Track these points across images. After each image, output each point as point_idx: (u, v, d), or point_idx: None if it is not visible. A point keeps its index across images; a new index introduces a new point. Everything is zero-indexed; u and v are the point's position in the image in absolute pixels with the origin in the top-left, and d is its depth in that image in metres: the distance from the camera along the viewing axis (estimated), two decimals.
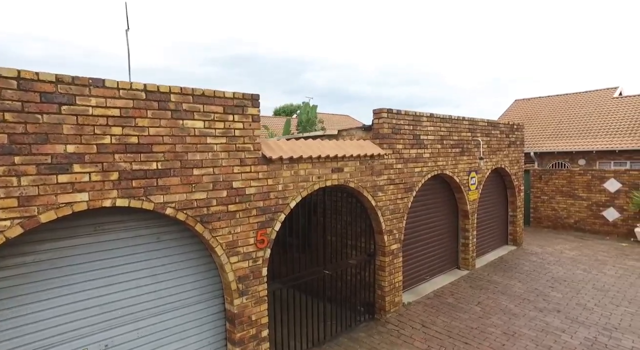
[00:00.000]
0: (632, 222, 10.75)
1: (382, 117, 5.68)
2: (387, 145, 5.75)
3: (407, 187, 6.13)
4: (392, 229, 5.89)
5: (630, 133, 14.20)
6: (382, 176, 5.67)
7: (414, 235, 6.81)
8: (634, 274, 7.66)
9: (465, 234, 7.83)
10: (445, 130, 6.93)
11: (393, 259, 5.93)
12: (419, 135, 6.31)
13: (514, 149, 9.36)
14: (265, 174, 4.25)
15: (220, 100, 3.86)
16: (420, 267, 7.01)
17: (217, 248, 3.87)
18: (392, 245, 5.91)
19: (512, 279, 7.39)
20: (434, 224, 7.31)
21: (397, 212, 5.95)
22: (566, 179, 12.13)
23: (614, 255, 9.13)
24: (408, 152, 6.11)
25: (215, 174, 3.84)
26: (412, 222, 6.70)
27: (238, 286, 4.06)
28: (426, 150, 6.47)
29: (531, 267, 8.13)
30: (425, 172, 6.48)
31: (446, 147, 6.96)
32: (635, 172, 10.69)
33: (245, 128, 4.07)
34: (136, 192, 3.30)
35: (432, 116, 6.58)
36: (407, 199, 6.14)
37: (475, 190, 7.84)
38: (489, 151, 8.31)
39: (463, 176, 7.48)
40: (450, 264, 7.81)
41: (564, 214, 12.15)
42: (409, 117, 6.10)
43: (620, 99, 17.00)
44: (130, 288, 3.57)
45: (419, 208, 6.85)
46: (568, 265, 8.23)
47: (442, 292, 6.71)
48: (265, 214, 4.27)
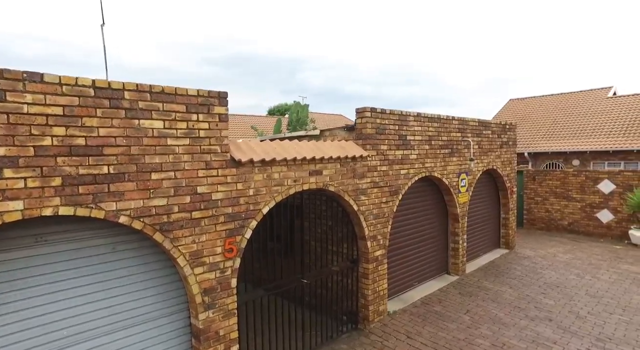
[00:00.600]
0: (626, 224, 10.55)
1: (365, 116, 5.39)
2: (371, 146, 5.46)
3: (393, 190, 5.84)
4: (376, 235, 5.61)
5: (624, 133, 14.02)
6: (365, 179, 5.38)
7: (401, 241, 6.53)
8: (627, 279, 7.43)
9: (455, 238, 7.56)
10: (434, 130, 6.65)
11: (377, 266, 5.64)
12: (405, 136, 6.03)
13: (507, 149, 9.11)
14: (234, 178, 3.95)
15: (182, 98, 3.55)
16: (408, 273, 6.73)
17: (179, 259, 3.56)
18: (376, 251, 5.62)
19: (503, 284, 7.13)
20: (423, 228, 7.03)
21: (381, 216, 5.66)
22: (560, 180, 11.91)
23: (608, 258, 8.91)
24: (393, 154, 5.82)
25: (177, 179, 3.53)
26: (399, 227, 6.42)
27: (204, 299, 3.75)
28: (413, 152, 6.19)
29: (523, 271, 7.88)
30: (412, 174, 6.20)
31: (435, 148, 6.68)
32: (629, 173, 10.48)
33: (211, 128, 3.77)
34: (83, 199, 2.98)
35: (420, 116, 6.30)
36: (393, 202, 5.85)
37: (465, 192, 7.58)
38: (480, 152, 8.05)
39: (453, 178, 7.21)
40: (439, 269, 7.54)
41: (558, 215, 11.94)
42: (394, 117, 5.81)
43: (615, 99, 16.84)
44: (79, 304, 3.26)
45: (406, 212, 6.57)
46: (561, 270, 7.99)
47: (429, 300, 6.43)
48: (235, 221, 3.97)
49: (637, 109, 15.12)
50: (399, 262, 6.52)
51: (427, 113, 6.48)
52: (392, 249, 6.33)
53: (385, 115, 5.66)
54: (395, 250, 6.42)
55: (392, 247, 6.32)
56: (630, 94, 16.56)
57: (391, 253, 6.30)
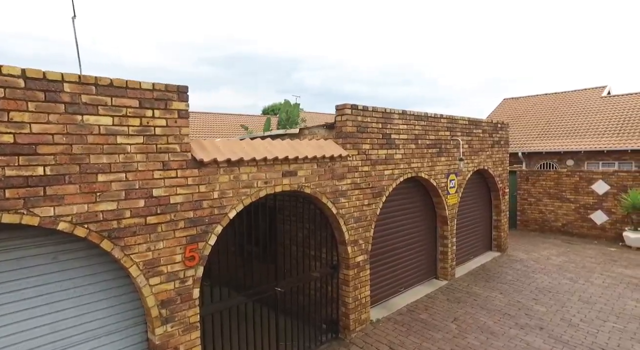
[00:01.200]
0: (621, 225, 10.31)
1: (345, 113, 5.09)
2: (352, 145, 5.15)
3: (376, 191, 5.54)
4: (358, 239, 5.30)
5: (619, 133, 13.81)
6: (345, 180, 5.08)
7: (385, 245, 6.22)
8: (621, 283, 7.17)
9: (443, 241, 7.26)
10: (421, 128, 6.35)
11: (359, 272, 5.33)
12: (389, 135, 5.72)
13: (498, 149, 8.84)
14: (196, 180, 3.63)
15: (134, 92, 3.22)
16: (393, 279, 6.43)
17: (132, 268, 3.23)
18: (358, 256, 5.31)
19: (494, 290, 6.84)
20: (409, 231, 6.73)
21: (363, 220, 5.35)
22: (553, 181, 11.67)
23: (602, 261, 8.66)
24: (376, 153, 5.52)
25: (129, 181, 3.20)
26: (383, 230, 6.12)
27: (161, 312, 3.43)
28: (398, 151, 5.89)
29: (515, 276, 7.60)
30: (397, 175, 5.90)
31: (421, 147, 6.38)
32: (623, 174, 10.25)
33: (169, 125, 3.44)
34: (12, 204, 2.65)
35: (405, 113, 6.00)
36: (376, 204, 5.55)
37: (455, 194, 7.29)
38: (470, 151, 7.76)
39: (441, 179, 6.92)
40: (428, 274, 7.24)
41: (552, 217, 11.69)
42: (377, 114, 5.51)
43: (609, 98, 16.66)
44: (14, 321, 2.92)
45: (390, 214, 6.27)
46: (554, 274, 7.72)
47: (415, 307, 6.13)
48: (197, 227, 3.65)
49: (632, 109, 14.93)
50: (384, 267, 6.22)
51: (414, 111, 6.18)
52: (376, 253, 6.02)
53: (367, 112, 5.35)
54: (380, 255, 6.12)
55: (376, 252, 6.02)
56: (625, 94, 16.38)
57: (375, 258, 6.00)
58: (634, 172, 10.10)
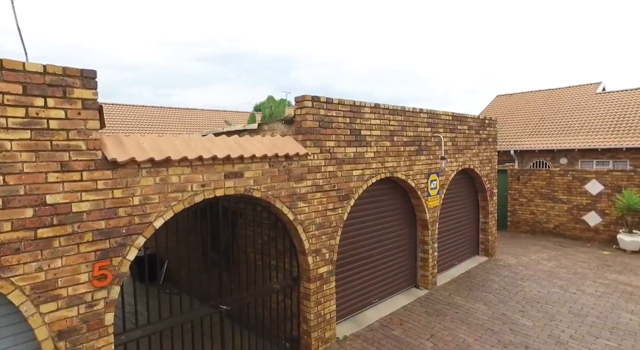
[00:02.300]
0: (615, 227, 9.79)
1: (305, 106, 4.48)
2: (313, 142, 4.55)
3: (343, 194, 4.94)
4: (320, 248, 4.71)
5: (613, 130, 13.30)
6: (305, 182, 4.47)
7: (356, 253, 5.63)
8: (615, 292, 6.63)
9: (424, 247, 6.69)
10: (397, 124, 5.76)
11: (322, 285, 4.74)
12: (359, 131, 5.13)
13: (486, 146, 8.27)
14: (109, 183, 3.01)
15: (16, 75, 2.60)
16: (365, 289, 5.84)
17: (12, 294, 2.62)
18: (321, 267, 4.72)
19: (477, 300, 6.28)
20: (385, 237, 6.15)
21: (327, 226, 4.76)
22: (545, 180, 11.14)
23: (595, 266, 8.13)
24: (343, 151, 4.92)
25: (9, 185, 2.58)
26: (352, 237, 5.53)
27: (57, 345, 2.81)
28: (370, 149, 5.30)
29: (501, 284, 7.05)
30: (369, 176, 5.31)
31: (398, 144, 5.79)
32: (618, 173, 9.72)
33: (70, 118, 2.82)
34: None
35: (378, 107, 5.40)
36: (343, 209, 4.96)
37: (436, 195, 6.71)
38: (454, 150, 7.18)
39: (421, 179, 6.34)
40: (407, 283, 6.67)
41: (543, 218, 11.17)
42: (344, 108, 4.91)
43: (604, 95, 16.15)
44: None
45: (362, 219, 5.68)
46: (544, 281, 7.17)
47: (390, 321, 5.56)
48: (110, 239, 3.04)
49: (627, 105, 14.42)
50: (354, 277, 5.63)
51: (388, 104, 5.58)
52: (345, 262, 5.44)
53: (332, 105, 4.75)
54: (349, 265, 5.53)
55: (345, 261, 5.44)
56: (620, 90, 15.88)
57: (343, 268, 5.41)
58: (629, 172, 9.58)
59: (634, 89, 15.29)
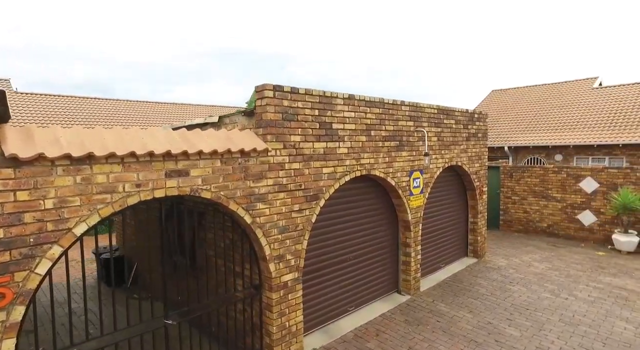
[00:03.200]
0: (610, 227, 9.40)
1: (265, 96, 4.00)
2: (275, 136, 4.08)
3: (311, 194, 4.48)
4: (284, 254, 4.25)
5: (610, 126, 12.90)
6: (265, 180, 4.00)
7: (328, 257, 5.18)
8: (610, 297, 6.22)
9: (406, 250, 6.25)
10: (374, 117, 5.29)
11: (286, 294, 4.29)
12: (330, 124, 4.65)
13: (475, 142, 7.82)
14: (10, 184, 2.54)
15: None
16: (340, 296, 5.40)
17: None
18: (285, 275, 4.27)
19: (462, 307, 5.85)
20: (363, 239, 5.70)
21: (292, 229, 4.30)
22: (539, 178, 10.71)
23: (589, 268, 7.73)
24: (311, 147, 4.45)
25: None
26: (324, 240, 5.07)
27: None
28: (342, 144, 4.83)
29: (489, 288, 6.62)
30: (342, 174, 4.84)
31: (375, 140, 5.33)
32: (613, 171, 9.30)
33: None
34: None
35: (352, 98, 4.93)
36: (311, 210, 4.49)
37: (419, 194, 6.26)
38: (440, 145, 6.73)
39: (402, 177, 5.88)
40: (388, 288, 6.23)
41: (537, 217, 10.76)
42: (312, 99, 4.43)
43: (600, 90, 15.73)
44: None
45: (335, 221, 5.22)
46: (534, 285, 6.75)
47: (365, 331, 5.12)
48: (12, 250, 2.56)
49: (624, 100, 14.02)
50: (327, 284, 5.18)
51: (364, 95, 5.11)
52: (316, 268, 4.99)
53: (297, 95, 4.27)
54: (321, 270, 5.08)
55: (316, 267, 4.99)
56: (617, 85, 15.47)
57: (314, 274, 4.96)
58: (625, 169, 9.17)
59: (631, 84, 14.87)
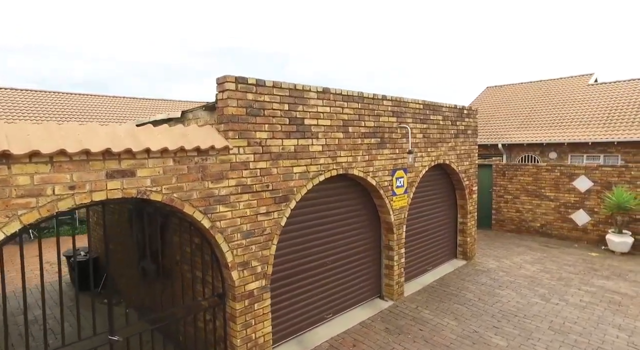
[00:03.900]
0: (604, 227, 9.12)
1: (227, 89, 3.65)
2: (238, 133, 3.74)
3: (280, 196, 4.15)
4: (249, 260, 3.92)
5: (605, 123, 12.62)
6: (226, 181, 3.67)
7: (303, 263, 4.85)
8: (602, 302, 5.94)
9: (389, 253, 5.93)
10: (353, 112, 4.96)
11: (252, 304, 3.96)
12: (301, 120, 4.31)
13: (464, 139, 7.50)
14: None
15: None
16: (316, 304, 5.08)
17: None
18: (250, 284, 3.94)
19: (447, 314, 5.55)
20: (341, 242, 5.37)
21: (257, 234, 3.96)
22: (532, 176, 10.42)
23: (582, 270, 7.45)
24: (280, 144, 4.11)
25: None
26: (297, 245, 4.75)
27: None
28: (316, 141, 4.49)
29: (477, 293, 6.32)
30: (315, 173, 4.51)
31: (354, 136, 5.00)
32: (608, 169, 9.02)
33: None
34: None
35: (327, 92, 4.59)
36: (280, 213, 4.16)
37: (403, 194, 5.93)
38: (426, 143, 6.40)
39: (384, 177, 5.55)
40: (370, 293, 5.92)
41: (529, 216, 10.47)
42: (281, 92, 4.09)
43: (596, 86, 15.45)
44: None
45: (309, 223, 4.89)
46: (524, 289, 6.46)
47: (342, 341, 4.80)
48: None
49: (619, 97, 13.74)
50: (302, 291, 4.86)
51: (341, 89, 4.77)
52: (288, 275, 4.67)
53: (263, 88, 3.92)
54: (294, 276, 4.76)
55: (289, 272, 4.66)
56: (613, 81, 15.20)
57: (287, 280, 4.64)
58: (620, 167, 8.88)
59: (627, 80, 14.59)
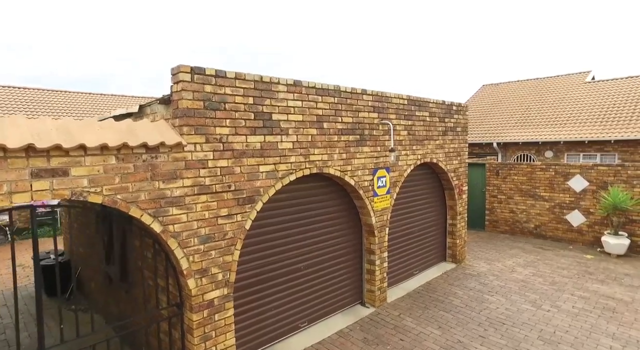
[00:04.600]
0: (599, 228, 8.81)
1: (181, 80, 3.33)
2: (194, 128, 3.42)
3: (244, 196, 3.82)
4: (209, 267, 3.60)
5: (602, 121, 12.31)
6: (180, 181, 3.35)
7: (273, 269, 4.53)
8: (596, 308, 5.63)
9: (370, 257, 5.61)
10: (328, 107, 4.64)
11: (212, 315, 3.64)
12: (269, 114, 3.99)
13: (453, 137, 7.19)
14: None
15: None
16: (289, 312, 4.76)
17: None
18: (210, 292, 3.62)
19: (431, 322, 5.23)
20: (318, 246, 5.06)
21: (218, 238, 3.64)
22: (526, 175, 10.11)
23: (576, 274, 7.14)
24: (244, 141, 3.79)
25: None
26: (265, 249, 4.42)
27: None
28: (286, 138, 4.17)
29: (464, 299, 6.00)
30: (285, 172, 4.19)
31: (330, 133, 4.68)
32: (604, 168, 8.70)
33: None
34: None
35: (299, 85, 4.27)
36: (244, 215, 3.84)
37: (385, 195, 5.62)
38: (411, 140, 6.09)
39: (364, 176, 5.24)
40: (351, 299, 5.60)
41: (523, 217, 10.16)
42: (245, 84, 3.76)
43: (593, 84, 15.15)
44: None
45: (279, 226, 4.57)
46: (514, 295, 6.14)
47: None
48: None
49: (617, 95, 13.43)
50: (272, 298, 4.54)
51: (315, 82, 4.45)
52: (256, 282, 4.35)
53: (224, 80, 3.60)
54: (264, 283, 4.44)
55: (256, 280, 4.35)
56: (610, 79, 14.89)
57: (254, 288, 4.33)
58: (616, 167, 8.57)
59: (624, 78, 14.29)
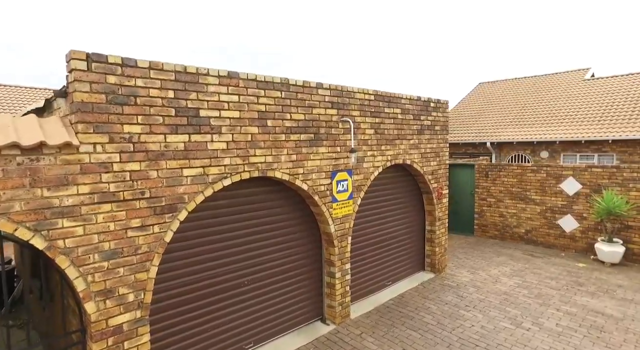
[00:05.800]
0: (593, 234, 8.23)
1: (74, 68, 2.82)
2: (93, 126, 2.91)
3: (162, 205, 3.32)
4: (115, 287, 3.09)
5: (600, 120, 11.70)
6: (74, 188, 2.84)
7: (208, 285, 4.01)
8: (582, 326, 5.07)
9: (330, 269, 5.09)
10: (273, 103, 4.12)
11: (120, 343, 3.14)
12: (196, 110, 3.48)
13: (430, 136, 6.64)
14: None
15: None
16: (230, 332, 4.24)
17: None
18: (116, 317, 3.11)
19: (395, 343, 4.70)
20: (267, 257, 4.54)
21: (128, 253, 3.14)
22: (516, 177, 9.53)
23: (564, 285, 6.57)
24: (162, 141, 3.28)
25: None
26: (195, 263, 3.91)
27: None
28: (218, 137, 3.66)
29: (437, 315, 5.46)
30: (217, 176, 3.68)
31: (275, 131, 4.16)
32: (598, 170, 8.11)
33: None
34: None
35: (234, 77, 3.75)
36: (162, 226, 3.33)
37: (347, 200, 5.09)
38: (379, 140, 5.56)
39: (319, 180, 4.71)
40: (309, 316, 5.08)
41: (514, 221, 9.59)
42: (162, 75, 3.25)
43: (592, 82, 14.52)
44: None
45: (213, 237, 4.06)
46: (493, 310, 5.60)
47: None
48: None
49: (616, 92, 12.81)
50: (207, 318, 4.02)
51: (257, 74, 3.94)
52: (186, 300, 3.84)
53: (134, 70, 3.09)
54: (197, 301, 3.93)
55: (186, 298, 3.83)
56: (610, 76, 14.27)
57: (185, 307, 3.82)
58: (611, 169, 7.98)
59: (624, 75, 13.66)
